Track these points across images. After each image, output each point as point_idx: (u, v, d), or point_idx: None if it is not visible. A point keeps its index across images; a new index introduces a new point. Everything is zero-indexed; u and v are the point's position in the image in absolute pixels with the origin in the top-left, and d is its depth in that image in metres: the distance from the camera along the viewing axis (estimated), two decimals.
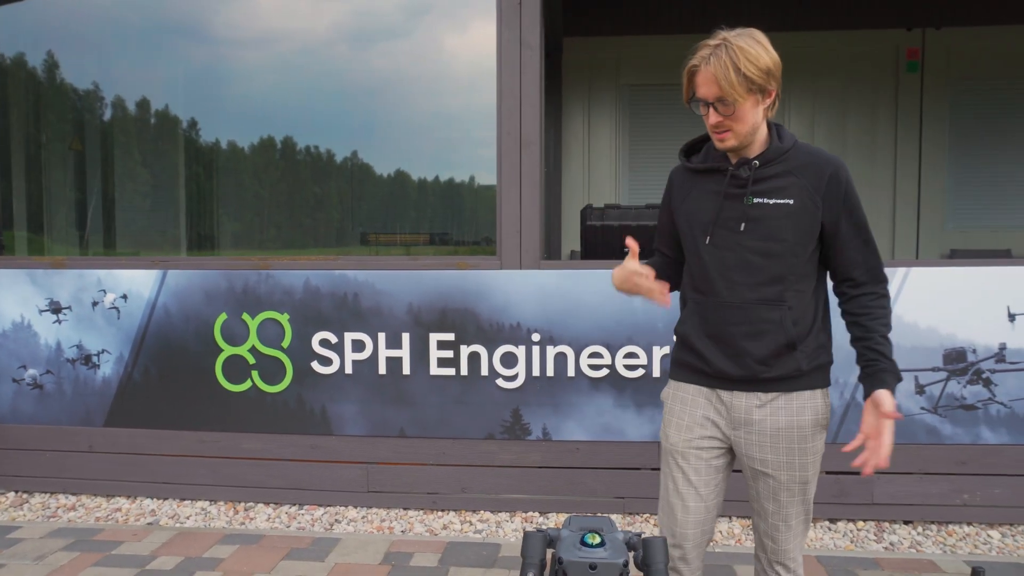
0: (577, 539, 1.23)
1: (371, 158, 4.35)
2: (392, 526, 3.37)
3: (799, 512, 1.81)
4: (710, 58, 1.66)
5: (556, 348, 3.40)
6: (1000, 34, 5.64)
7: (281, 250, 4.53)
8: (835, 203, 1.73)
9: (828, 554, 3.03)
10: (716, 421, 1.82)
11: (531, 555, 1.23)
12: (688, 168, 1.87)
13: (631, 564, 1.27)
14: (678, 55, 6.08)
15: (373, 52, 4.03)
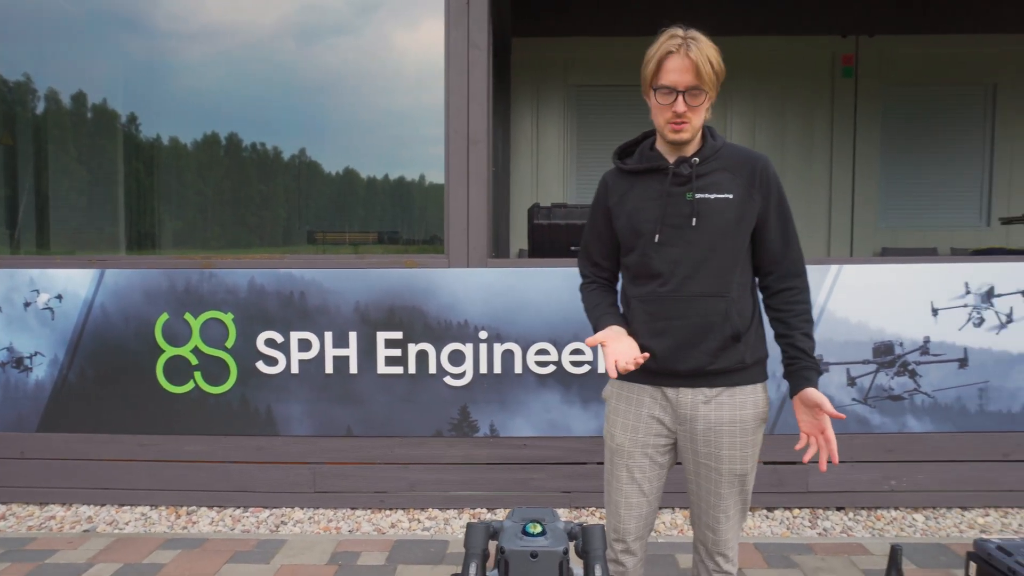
0: (519, 529, 1.26)
1: (319, 156, 4.29)
2: (339, 526, 3.35)
3: (738, 503, 1.87)
4: (688, 46, 1.67)
5: (503, 346, 3.43)
6: (929, 42, 5.92)
7: (226, 249, 4.44)
8: (767, 196, 1.80)
9: (765, 541, 3.14)
10: (662, 418, 1.85)
11: (473, 546, 1.25)
12: (623, 170, 1.88)
13: (572, 552, 1.31)
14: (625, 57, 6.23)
15: (321, 48, 3.98)
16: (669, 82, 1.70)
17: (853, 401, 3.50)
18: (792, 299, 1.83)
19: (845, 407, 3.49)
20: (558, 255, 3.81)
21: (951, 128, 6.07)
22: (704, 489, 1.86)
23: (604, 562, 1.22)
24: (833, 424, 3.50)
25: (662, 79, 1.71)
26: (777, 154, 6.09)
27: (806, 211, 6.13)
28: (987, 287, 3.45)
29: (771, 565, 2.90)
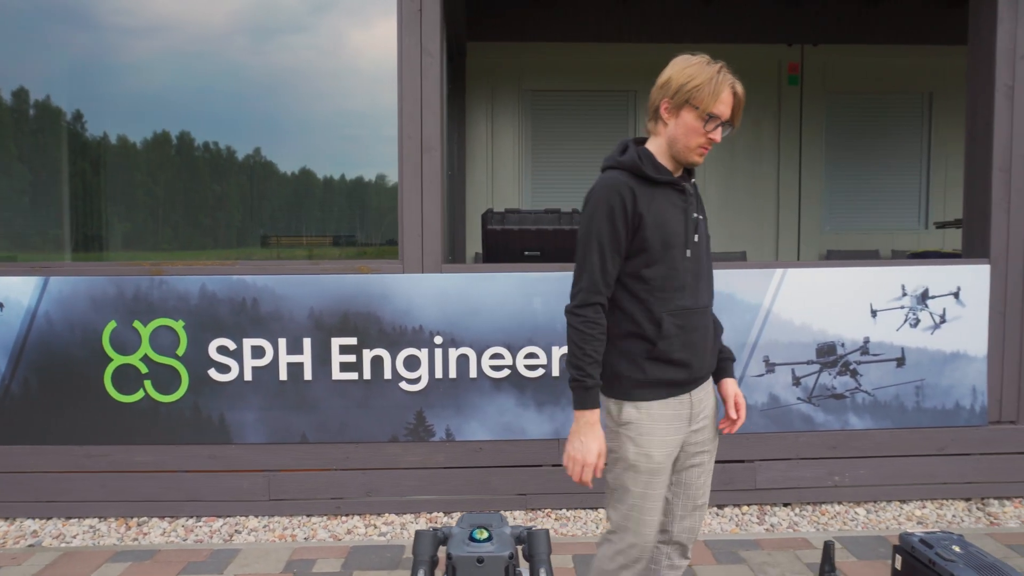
0: (466, 535, 1.30)
1: (275, 156, 4.23)
2: (295, 534, 3.33)
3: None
4: (735, 83, 1.81)
5: (458, 350, 3.46)
6: (870, 51, 6.14)
7: (178, 252, 4.36)
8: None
9: (715, 538, 3.23)
10: (682, 428, 1.92)
11: (421, 553, 1.28)
12: (647, 177, 1.84)
13: (519, 556, 1.35)
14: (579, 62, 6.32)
15: (275, 46, 3.93)
16: (719, 112, 1.79)
17: (798, 400, 3.62)
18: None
19: (791, 406, 3.61)
20: (512, 260, 3.86)
21: (891, 135, 6.30)
22: (704, 479, 2.00)
23: (548, 565, 1.27)
24: (781, 423, 3.63)
25: (716, 108, 1.79)
26: (727, 158, 6.24)
27: (755, 214, 6.30)
28: (922, 289, 3.61)
29: (720, 561, 2.98)
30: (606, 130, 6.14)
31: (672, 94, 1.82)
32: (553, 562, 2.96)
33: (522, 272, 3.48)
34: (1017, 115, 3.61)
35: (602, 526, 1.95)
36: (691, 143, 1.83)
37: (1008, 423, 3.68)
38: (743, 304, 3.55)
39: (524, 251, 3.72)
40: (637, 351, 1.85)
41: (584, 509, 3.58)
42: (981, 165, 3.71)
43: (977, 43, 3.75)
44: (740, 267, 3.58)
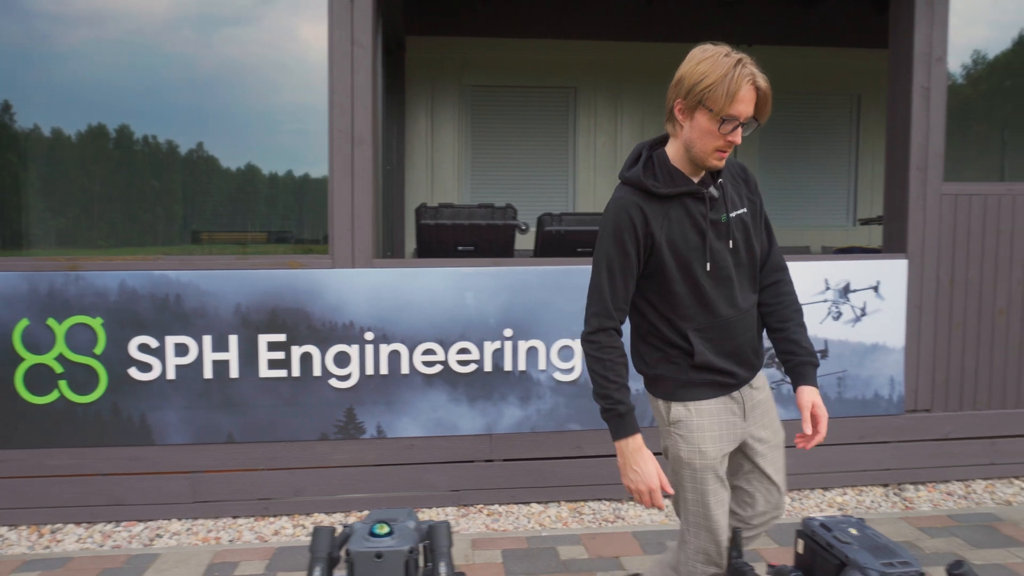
0: (367, 531, 1.28)
1: (218, 151, 4.09)
2: (220, 536, 3.25)
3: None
4: (757, 74, 1.62)
5: (390, 346, 3.42)
6: (803, 53, 6.31)
7: (116, 248, 4.18)
8: (758, 197, 1.89)
9: (644, 530, 3.27)
10: (736, 423, 1.86)
11: (319, 550, 1.25)
12: (656, 194, 1.73)
13: (421, 551, 1.33)
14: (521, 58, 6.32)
15: (220, 38, 3.80)
16: (737, 112, 1.61)
17: None
18: (782, 290, 1.91)
19: None
20: (445, 255, 3.83)
21: (822, 134, 6.49)
22: (777, 464, 1.96)
23: (449, 559, 1.25)
24: None
25: (732, 109, 1.61)
26: None
27: None
28: (844, 283, 3.73)
29: (646, 552, 3.02)
30: (547, 126, 6.16)
31: (684, 94, 1.65)
32: (483, 557, 2.96)
33: (455, 267, 3.46)
34: (933, 115, 3.76)
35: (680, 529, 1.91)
36: (707, 147, 1.68)
37: (923, 411, 3.84)
38: None
39: (458, 246, 3.70)
40: (677, 357, 1.81)
41: (517, 504, 3.59)
42: (900, 163, 3.85)
43: (897, 46, 3.88)
44: None
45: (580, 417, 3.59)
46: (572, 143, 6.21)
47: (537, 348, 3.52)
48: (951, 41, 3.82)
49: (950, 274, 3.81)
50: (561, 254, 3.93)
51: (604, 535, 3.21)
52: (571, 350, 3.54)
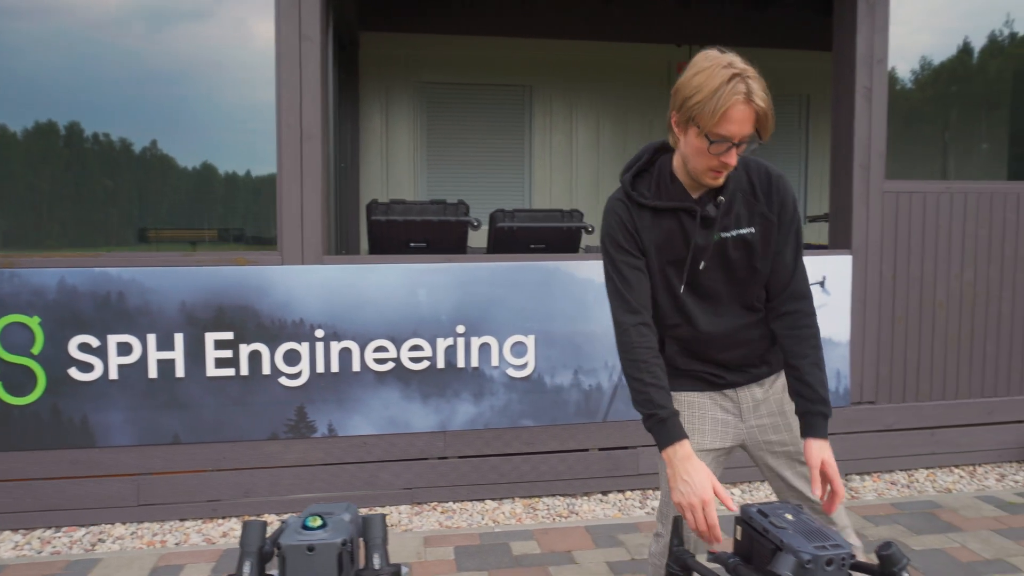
0: (300, 524, 1.25)
1: (173, 149, 3.97)
2: (165, 539, 3.17)
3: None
4: (751, 91, 1.48)
5: (341, 343, 3.38)
6: (753, 55, 6.39)
7: (66, 249, 4.03)
8: (782, 217, 1.68)
9: (596, 523, 3.29)
10: (729, 421, 1.79)
11: (249, 544, 1.23)
12: (643, 204, 1.68)
13: (360, 546, 1.31)
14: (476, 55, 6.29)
15: (174, 33, 3.69)
16: (728, 132, 1.49)
17: None
18: (799, 323, 1.69)
19: None
20: (397, 252, 3.80)
21: (774, 134, 6.60)
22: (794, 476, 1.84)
23: (383, 550, 1.24)
24: None
25: (721, 129, 1.49)
26: (619, 153, 6.39)
27: None
28: None
29: (598, 545, 3.05)
30: (503, 124, 6.16)
31: (678, 107, 1.55)
32: (436, 555, 2.95)
33: (406, 264, 3.43)
34: (875, 115, 3.86)
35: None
36: (700, 165, 1.57)
37: (867, 403, 3.94)
38: None
39: (410, 242, 3.67)
40: (668, 346, 1.78)
41: (471, 501, 3.58)
42: (844, 162, 3.94)
43: (840, 48, 3.98)
44: None
45: (534, 413, 3.59)
46: (528, 141, 6.22)
47: (490, 344, 3.52)
48: (900, 46, 3.94)
49: (892, 269, 3.92)
50: (514, 251, 3.94)
51: (557, 530, 3.22)
52: (524, 346, 3.55)
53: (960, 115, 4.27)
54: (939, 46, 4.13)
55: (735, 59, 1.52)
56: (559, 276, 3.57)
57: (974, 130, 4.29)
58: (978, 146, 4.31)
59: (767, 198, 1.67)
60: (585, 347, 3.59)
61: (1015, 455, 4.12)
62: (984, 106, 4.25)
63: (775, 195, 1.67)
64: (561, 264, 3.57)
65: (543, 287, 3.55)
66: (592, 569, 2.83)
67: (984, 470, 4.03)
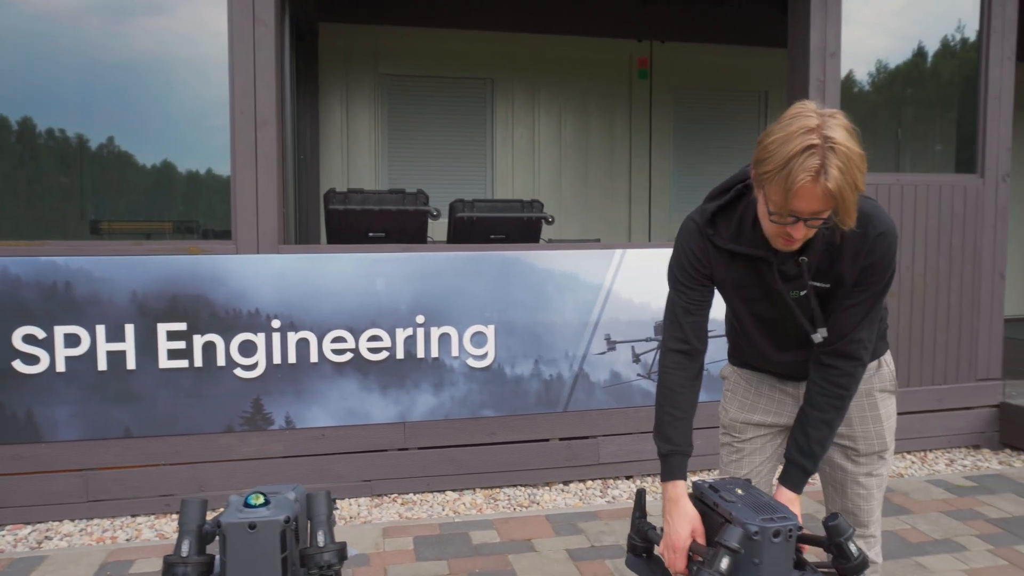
0: (242, 502, 1.23)
1: (132, 146, 3.85)
2: (116, 535, 3.09)
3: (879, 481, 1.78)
4: (827, 167, 1.30)
5: (298, 334, 3.33)
6: (712, 51, 6.50)
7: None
8: (865, 270, 1.52)
9: (557, 512, 3.30)
10: (785, 401, 1.78)
11: (188, 523, 1.20)
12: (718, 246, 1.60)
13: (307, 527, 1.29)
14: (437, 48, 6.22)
15: (132, 28, 3.57)
16: (794, 209, 1.35)
17: (638, 376, 3.77)
18: (834, 380, 1.59)
19: (631, 382, 3.75)
20: (356, 242, 3.76)
21: (732, 129, 6.71)
22: (851, 488, 1.81)
23: (328, 527, 1.22)
24: (622, 398, 3.71)
25: (793, 204, 1.35)
26: (581, 146, 6.41)
27: (608, 202, 6.52)
28: None
29: (559, 533, 3.05)
30: (465, 117, 6.13)
31: (754, 164, 1.42)
32: (394, 545, 2.92)
33: (365, 253, 3.40)
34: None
35: None
36: (770, 229, 1.46)
37: None
38: (586, 284, 3.64)
39: (368, 232, 3.63)
40: (736, 341, 1.82)
41: (432, 492, 3.56)
42: None
43: (795, 43, 4.04)
44: (582, 247, 3.68)
45: (494, 403, 3.58)
46: (490, 134, 6.21)
47: (450, 334, 3.50)
48: (858, 50, 4.03)
49: None
50: (474, 241, 3.92)
51: (518, 519, 3.22)
52: (484, 336, 3.54)
53: (914, 115, 4.37)
54: (895, 50, 4.22)
55: (825, 121, 1.33)
56: (519, 266, 3.57)
57: (927, 131, 4.40)
58: (931, 146, 4.42)
59: (853, 258, 1.50)
60: (545, 337, 3.59)
61: (964, 440, 4.24)
62: (936, 107, 4.36)
63: (864, 256, 1.50)
64: (521, 254, 3.57)
65: (503, 277, 3.54)
66: (552, 557, 2.84)
67: (935, 455, 4.14)
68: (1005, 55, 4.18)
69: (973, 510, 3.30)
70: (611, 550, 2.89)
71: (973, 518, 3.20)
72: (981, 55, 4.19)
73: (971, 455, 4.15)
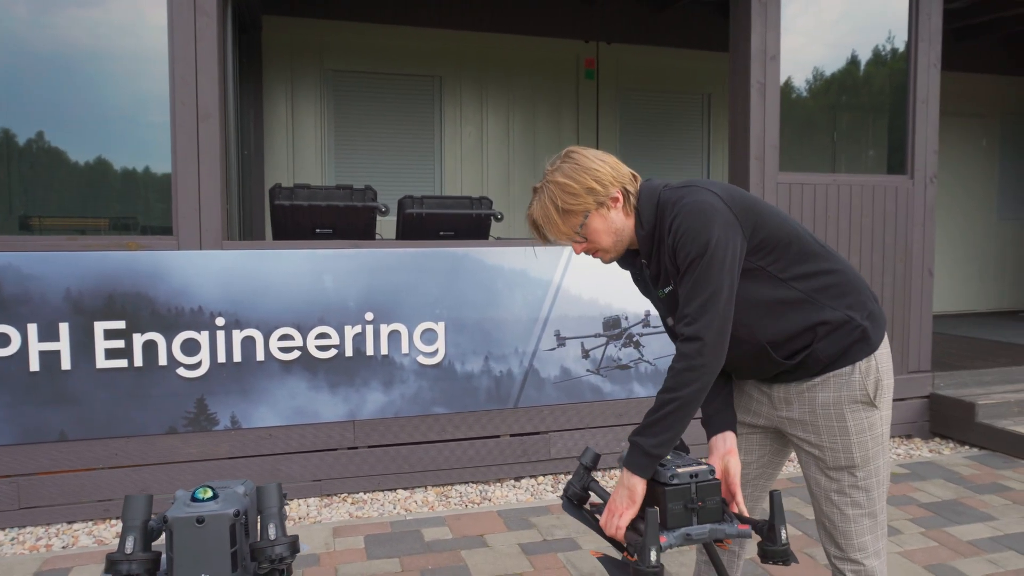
0: (188, 497, 1.20)
1: (63, 142, 3.67)
2: (51, 543, 2.96)
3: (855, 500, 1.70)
4: (533, 205, 1.67)
5: (243, 332, 3.26)
6: (657, 53, 6.62)
7: None
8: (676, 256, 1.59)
9: (510, 508, 3.31)
10: (762, 400, 1.79)
11: (131, 519, 1.16)
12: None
13: (257, 522, 1.26)
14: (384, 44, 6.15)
15: (63, 19, 3.41)
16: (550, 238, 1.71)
17: (588, 372, 3.81)
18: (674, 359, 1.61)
19: (581, 378, 3.79)
20: (303, 238, 3.70)
21: (677, 130, 6.85)
22: (817, 490, 1.78)
23: (279, 520, 1.20)
24: (572, 394, 3.72)
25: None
26: (529, 144, 6.45)
27: None
28: None
29: (511, 528, 3.06)
30: (413, 114, 6.09)
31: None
32: (345, 544, 2.88)
33: (312, 249, 3.35)
34: (769, 109, 4.05)
35: None
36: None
37: None
38: (535, 280, 3.66)
39: (315, 229, 3.58)
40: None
41: (383, 491, 3.53)
42: (741, 154, 4.12)
43: (736, 46, 4.16)
44: (530, 244, 3.70)
45: (445, 400, 3.58)
46: (438, 132, 6.19)
47: (400, 332, 3.48)
48: (796, 58, 4.16)
49: None
50: (423, 237, 3.91)
51: (470, 515, 3.22)
52: (434, 333, 3.53)
53: (849, 120, 4.54)
54: (831, 58, 4.38)
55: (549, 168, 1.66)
56: (468, 263, 3.57)
57: (861, 135, 4.57)
58: (864, 150, 4.60)
59: (673, 252, 1.59)
60: (495, 333, 3.60)
61: (897, 431, 4.42)
62: (869, 112, 4.54)
63: (670, 241, 1.59)
64: (470, 251, 3.57)
65: (452, 274, 3.54)
66: (504, 551, 2.85)
67: None
68: (931, 62, 4.38)
69: (906, 496, 3.45)
70: (563, 543, 2.92)
71: (906, 503, 3.35)
72: (909, 63, 4.39)
73: (904, 444, 4.34)
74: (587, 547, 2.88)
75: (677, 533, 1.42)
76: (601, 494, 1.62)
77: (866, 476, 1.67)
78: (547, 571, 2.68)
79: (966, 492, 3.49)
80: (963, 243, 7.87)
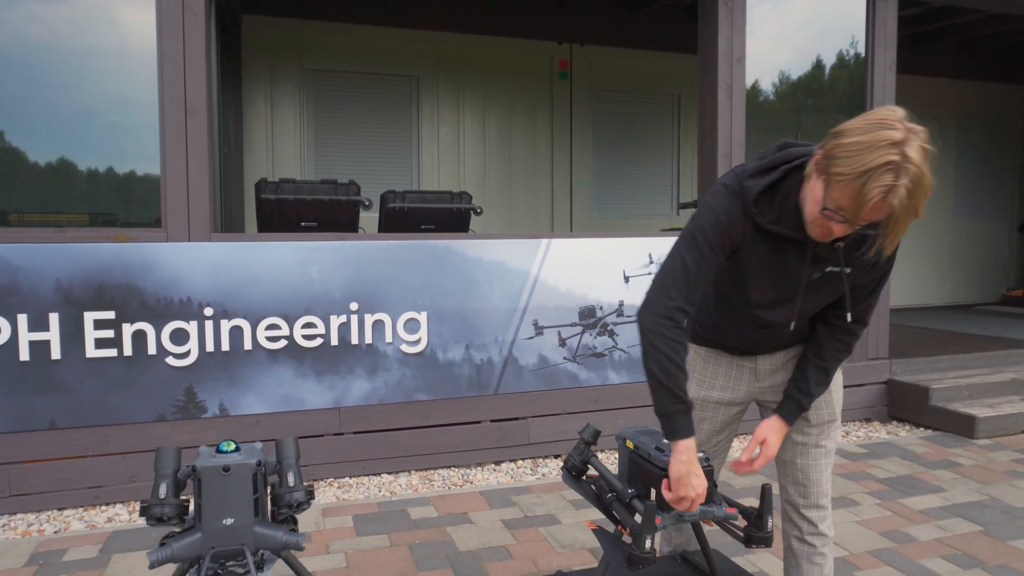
0: (214, 450, 1.32)
1: (23, 142, 3.71)
2: (43, 529, 3.03)
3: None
4: (899, 187, 1.31)
5: (231, 322, 3.35)
6: (628, 55, 6.81)
7: None
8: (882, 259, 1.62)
9: (490, 489, 3.45)
10: (743, 378, 1.86)
11: (164, 467, 1.28)
12: (759, 226, 1.58)
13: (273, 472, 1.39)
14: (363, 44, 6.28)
15: (21, 15, 3.46)
16: (848, 212, 1.39)
17: (564, 360, 3.97)
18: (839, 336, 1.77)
19: (558, 366, 3.94)
20: (286, 229, 3.80)
21: (648, 130, 7.05)
22: (802, 460, 1.87)
23: (296, 469, 1.32)
24: (549, 381, 3.89)
25: (852, 211, 1.37)
26: (505, 143, 6.60)
27: (532, 199, 6.73)
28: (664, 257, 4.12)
29: (493, 507, 3.20)
30: (391, 114, 6.21)
31: (825, 154, 1.40)
32: (334, 523, 3.00)
33: (299, 241, 3.45)
34: (735, 109, 4.25)
35: None
36: (809, 213, 1.49)
37: None
38: (513, 272, 3.81)
39: (300, 222, 3.68)
40: (705, 319, 1.86)
41: (368, 476, 3.64)
42: (709, 152, 4.31)
43: (705, 48, 4.35)
44: (509, 237, 3.84)
45: (427, 387, 3.70)
46: (416, 131, 6.31)
47: (383, 321, 3.60)
48: (762, 63, 4.36)
49: None
50: (405, 231, 4.03)
51: (453, 496, 3.35)
52: (416, 322, 3.65)
53: (814, 122, 4.76)
54: (796, 62, 4.60)
55: (909, 136, 1.32)
56: (449, 255, 3.70)
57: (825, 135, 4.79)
58: None
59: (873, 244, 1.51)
60: (475, 323, 3.74)
61: (858, 415, 4.65)
62: (833, 114, 4.76)
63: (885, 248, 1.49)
64: (452, 243, 3.71)
65: (435, 265, 3.67)
66: (488, 527, 2.98)
67: None
68: (887, 65, 4.63)
69: (864, 472, 3.66)
70: (544, 519, 3.06)
71: (864, 478, 3.56)
72: (867, 66, 4.62)
73: (864, 427, 4.57)
74: (567, 523, 3.03)
75: (671, 514, 1.57)
76: (600, 468, 1.77)
77: (837, 427, 1.87)
78: (529, 544, 2.82)
79: (920, 468, 3.72)
80: (921, 240, 8.21)
